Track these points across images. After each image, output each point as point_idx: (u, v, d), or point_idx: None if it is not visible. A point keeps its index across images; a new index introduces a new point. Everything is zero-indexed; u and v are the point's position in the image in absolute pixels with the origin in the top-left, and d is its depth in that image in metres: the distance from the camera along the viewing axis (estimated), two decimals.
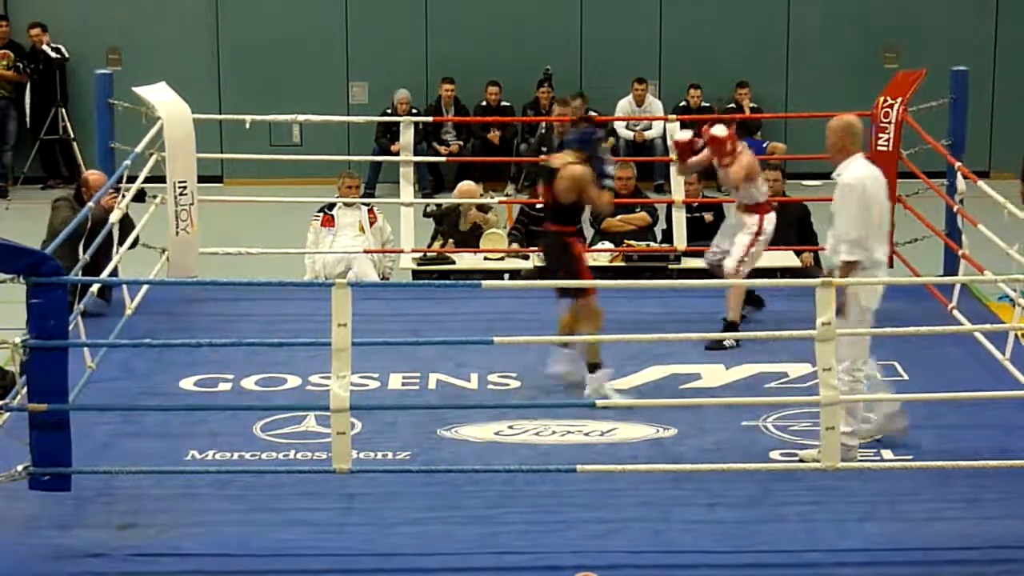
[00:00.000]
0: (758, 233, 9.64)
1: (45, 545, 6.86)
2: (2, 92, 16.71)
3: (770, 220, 9.73)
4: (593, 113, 16.49)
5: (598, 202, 8.59)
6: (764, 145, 16.99)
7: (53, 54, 16.64)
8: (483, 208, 11.73)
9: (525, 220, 11.74)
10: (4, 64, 16.67)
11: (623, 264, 11.16)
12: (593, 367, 8.47)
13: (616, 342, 9.17)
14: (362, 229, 11.56)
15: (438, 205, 12.42)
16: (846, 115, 7.86)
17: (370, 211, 11.72)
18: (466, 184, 12.04)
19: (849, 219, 7.53)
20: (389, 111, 16.27)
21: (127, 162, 9.90)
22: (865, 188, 7.56)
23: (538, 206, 11.67)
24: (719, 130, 9.56)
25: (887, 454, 7.81)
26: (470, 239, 11.60)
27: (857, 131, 7.72)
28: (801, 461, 7.53)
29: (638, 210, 11.48)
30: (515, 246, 11.38)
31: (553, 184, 8.32)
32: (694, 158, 9.82)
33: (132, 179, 9.89)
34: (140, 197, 10.17)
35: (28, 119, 16.71)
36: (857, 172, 7.60)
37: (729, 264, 9.61)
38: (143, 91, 10.57)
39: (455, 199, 11.91)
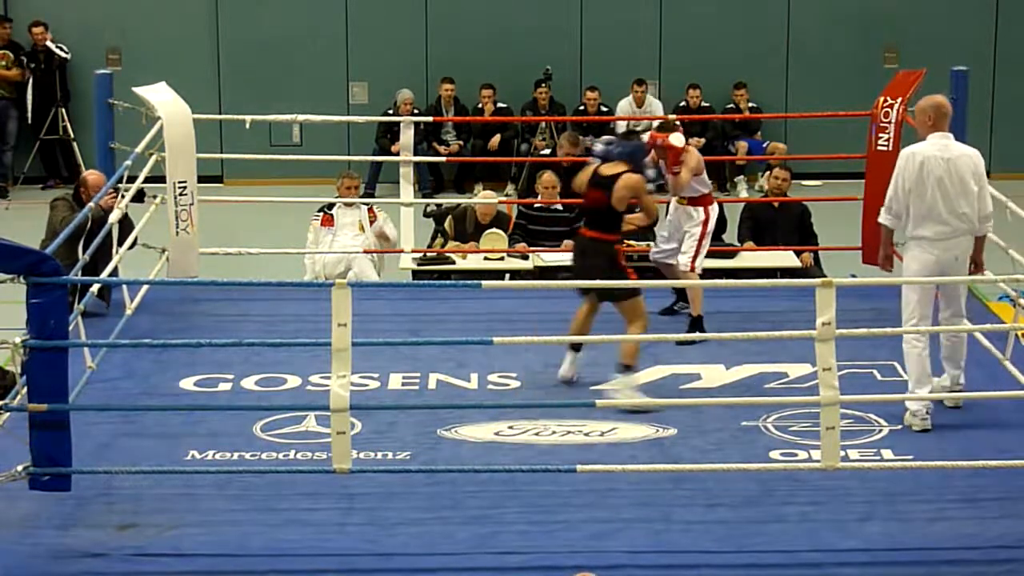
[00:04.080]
0: (705, 224, 9.69)
1: (45, 545, 6.86)
2: (2, 92, 16.71)
3: (714, 211, 9.79)
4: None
5: (652, 207, 8.93)
6: (764, 145, 16.99)
7: (59, 52, 16.63)
8: (498, 223, 11.68)
9: (525, 221, 11.73)
10: (3, 64, 16.67)
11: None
12: (628, 368, 8.48)
13: (615, 342, 9.19)
14: (362, 229, 11.56)
15: (438, 205, 12.41)
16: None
17: (370, 211, 11.72)
18: (489, 193, 12.27)
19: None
20: (391, 111, 16.27)
21: (127, 162, 9.90)
22: (905, 161, 8.05)
23: (536, 206, 11.71)
24: (677, 139, 9.54)
25: (887, 454, 7.81)
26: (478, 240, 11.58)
27: (938, 111, 8.12)
28: None
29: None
30: (521, 246, 11.38)
31: (610, 191, 8.57)
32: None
33: (132, 179, 9.89)
34: (139, 197, 10.17)
35: (30, 118, 16.71)
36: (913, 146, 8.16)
37: (684, 261, 9.66)
38: (143, 91, 10.56)
39: (472, 200, 11.94)
